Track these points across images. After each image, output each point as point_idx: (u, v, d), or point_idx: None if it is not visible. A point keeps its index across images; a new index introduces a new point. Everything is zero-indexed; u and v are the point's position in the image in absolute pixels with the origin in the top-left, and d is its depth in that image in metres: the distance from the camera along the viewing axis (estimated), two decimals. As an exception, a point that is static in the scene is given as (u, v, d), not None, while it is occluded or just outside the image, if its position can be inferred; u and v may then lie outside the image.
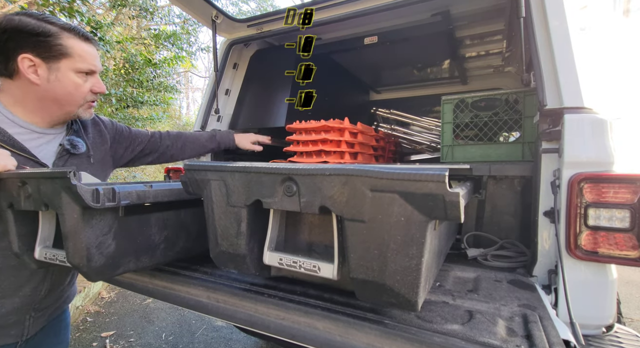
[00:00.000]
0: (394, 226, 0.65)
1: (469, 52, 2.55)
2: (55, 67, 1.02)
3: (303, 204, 0.75)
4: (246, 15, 10.96)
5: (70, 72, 1.05)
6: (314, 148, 1.79)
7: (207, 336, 2.82)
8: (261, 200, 0.81)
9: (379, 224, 0.67)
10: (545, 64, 1.14)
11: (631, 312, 3.28)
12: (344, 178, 0.69)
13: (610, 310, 0.99)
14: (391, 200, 0.65)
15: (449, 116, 1.67)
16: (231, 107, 2.25)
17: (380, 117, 3.35)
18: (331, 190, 0.71)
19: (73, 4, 3.29)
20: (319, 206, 0.73)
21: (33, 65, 0.99)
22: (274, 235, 0.87)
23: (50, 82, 1.02)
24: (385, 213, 0.66)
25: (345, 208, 0.70)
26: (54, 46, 1.01)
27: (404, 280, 0.66)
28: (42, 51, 0.99)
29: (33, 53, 0.98)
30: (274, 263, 0.84)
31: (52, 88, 1.03)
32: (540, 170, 1.12)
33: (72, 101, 1.08)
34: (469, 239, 1.40)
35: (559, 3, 1.16)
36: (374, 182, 0.66)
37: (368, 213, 0.68)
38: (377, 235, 0.68)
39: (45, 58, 1.00)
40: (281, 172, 0.77)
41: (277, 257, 0.83)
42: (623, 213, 0.94)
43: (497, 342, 0.71)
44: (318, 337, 0.83)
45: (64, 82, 1.04)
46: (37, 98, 1.03)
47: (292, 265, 0.81)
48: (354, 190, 0.68)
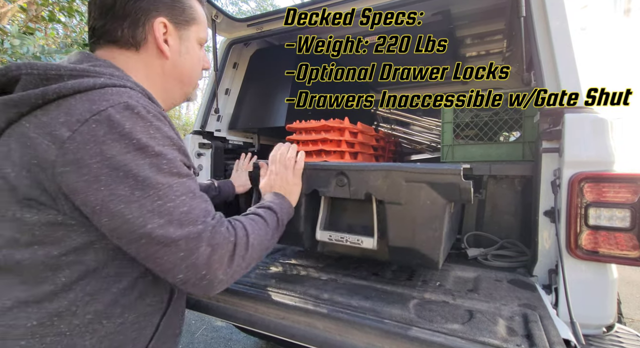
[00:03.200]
0: (423, 207, 0.91)
1: (470, 51, 2.55)
2: (185, 35, 0.81)
3: (352, 192, 0.99)
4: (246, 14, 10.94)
5: (195, 42, 0.84)
6: (314, 148, 1.79)
7: (207, 336, 2.81)
8: (317, 189, 1.05)
9: (411, 205, 0.92)
10: (545, 63, 1.13)
11: (632, 312, 3.28)
12: (385, 172, 0.95)
13: (611, 309, 0.99)
14: (420, 188, 0.91)
15: (449, 116, 1.67)
16: (231, 106, 2.24)
17: (381, 116, 3.35)
18: (375, 181, 0.96)
19: (72, 4, 3.29)
20: (364, 193, 0.98)
21: (165, 32, 0.77)
22: (323, 217, 1.10)
23: (181, 54, 0.81)
24: (416, 198, 0.92)
25: (386, 195, 0.95)
26: (187, 9, 0.80)
27: (429, 246, 0.92)
28: (176, 14, 0.78)
29: (167, 17, 0.76)
30: (325, 239, 1.06)
31: (182, 62, 0.82)
32: (541, 169, 1.11)
33: (193, 79, 0.87)
34: (469, 239, 1.40)
35: (559, 2, 1.15)
36: (408, 175, 0.92)
37: (404, 197, 0.93)
38: (410, 214, 0.93)
39: (177, 24, 0.79)
40: (335, 168, 1.02)
41: (327, 234, 1.07)
42: (623, 212, 0.94)
43: (498, 342, 0.71)
44: (318, 336, 0.83)
45: (192, 55, 0.84)
46: (163, 75, 0.81)
47: (340, 240, 1.03)
48: (392, 181, 0.94)
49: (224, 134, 2.18)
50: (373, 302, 0.90)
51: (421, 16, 1.81)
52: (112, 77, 0.66)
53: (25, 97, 0.59)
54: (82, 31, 3.96)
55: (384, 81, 3.00)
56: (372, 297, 0.93)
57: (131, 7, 0.72)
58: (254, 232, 0.74)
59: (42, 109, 0.60)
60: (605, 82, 1.37)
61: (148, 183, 0.59)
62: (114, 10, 0.72)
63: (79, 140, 0.56)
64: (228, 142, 2.19)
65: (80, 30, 4.12)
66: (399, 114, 3.02)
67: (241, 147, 2.28)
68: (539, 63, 1.14)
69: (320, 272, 1.15)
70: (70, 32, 4.14)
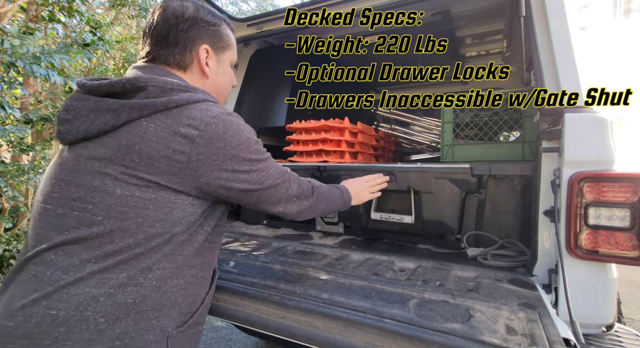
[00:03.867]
0: (446, 195, 1.39)
1: (470, 51, 2.55)
2: (222, 58, 0.97)
3: (398, 185, 1.45)
4: (246, 14, 10.96)
5: (228, 64, 1.00)
6: (314, 148, 1.79)
7: (207, 336, 2.81)
8: None
9: (439, 194, 1.40)
10: (545, 63, 1.13)
11: (632, 312, 3.28)
12: (421, 172, 1.42)
13: (611, 309, 0.99)
14: (444, 182, 1.38)
15: (449, 115, 1.67)
16: (231, 106, 2.24)
17: (381, 116, 3.35)
18: (414, 178, 1.43)
19: (72, 4, 3.28)
20: (407, 186, 1.45)
21: (207, 56, 0.93)
22: (375, 203, 1.59)
23: (219, 75, 0.98)
24: (442, 189, 1.39)
25: (421, 187, 1.44)
26: (224, 37, 0.96)
27: (450, 219, 1.42)
28: (216, 41, 0.94)
29: (209, 44, 0.93)
30: (377, 218, 1.56)
31: (219, 81, 0.98)
32: (541, 169, 1.11)
33: (226, 95, 1.06)
34: (469, 238, 1.40)
35: (559, 2, 1.15)
36: (436, 174, 1.40)
37: (433, 189, 1.41)
38: (438, 200, 1.42)
39: (216, 50, 0.95)
40: (386, 169, 1.46)
41: (379, 214, 1.56)
42: (623, 212, 0.94)
43: (498, 341, 0.71)
44: (318, 335, 0.83)
45: (226, 75, 1.01)
46: None
47: (388, 218, 1.53)
48: (426, 178, 1.41)
49: (224, 133, 2.18)
50: (373, 301, 0.90)
51: (421, 16, 1.81)
52: (204, 93, 0.86)
53: (152, 103, 0.76)
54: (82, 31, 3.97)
55: (384, 81, 3.00)
56: (372, 297, 0.93)
57: (181, 37, 0.88)
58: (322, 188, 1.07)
59: (162, 113, 0.77)
60: (605, 82, 1.37)
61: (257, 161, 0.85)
62: (167, 39, 0.88)
63: (206, 137, 0.76)
64: (228, 142, 2.18)
65: (80, 30, 4.12)
66: (399, 114, 3.02)
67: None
68: (539, 63, 1.14)
69: (320, 272, 1.15)
70: (70, 32, 4.14)
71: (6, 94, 2.88)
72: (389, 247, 1.50)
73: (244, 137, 0.82)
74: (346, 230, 1.69)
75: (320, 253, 1.38)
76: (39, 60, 2.24)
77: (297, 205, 0.96)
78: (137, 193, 0.73)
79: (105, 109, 0.76)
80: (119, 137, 0.75)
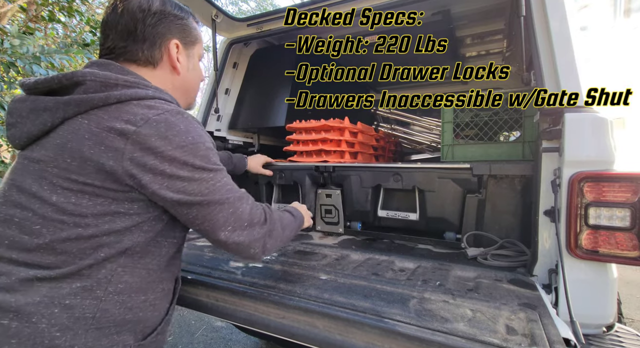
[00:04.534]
0: (449, 193, 1.44)
1: (470, 51, 2.54)
2: (191, 53, 0.93)
3: (404, 185, 1.51)
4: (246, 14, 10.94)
5: (197, 59, 0.96)
6: (314, 147, 1.79)
7: (207, 336, 2.81)
8: (380, 183, 1.57)
9: (442, 192, 1.45)
10: (545, 63, 1.13)
11: (632, 313, 3.28)
12: (426, 172, 1.46)
13: (611, 309, 0.98)
14: (447, 181, 1.43)
15: (449, 115, 1.67)
16: (231, 106, 2.24)
17: (381, 116, 3.35)
18: (419, 178, 1.47)
19: (72, 4, 3.29)
20: (412, 185, 1.50)
21: (177, 51, 0.88)
22: (382, 201, 1.63)
23: (189, 70, 0.93)
24: (444, 187, 1.44)
25: (426, 186, 1.47)
26: (192, 31, 0.92)
27: (452, 216, 1.46)
28: (185, 36, 0.89)
29: (179, 38, 0.88)
30: (383, 215, 1.60)
31: (189, 77, 0.94)
32: (541, 169, 1.11)
33: (196, 91, 1.01)
34: (469, 238, 1.40)
35: (559, 2, 1.15)
36: (439, 173, 1.44)
37: (437, 188, 1.45)
38: (441, 197, 1.46)
39: (186, 44, 0.90)
40: (392, 169, 1.53)
41: (385, 212, 1.61)
42: (623, 212, 0.94)
43: (498, 341, 0.70)
44: (318, 335, 0.83)
45: (197, 70, 0.96)
46: (173, 89, 0.91)
47: (394, 215, 1.58)
48: (430, 177, 1.45)
49: (224, 133, 2.18)
50: (373, 301, 0.90)
51: (421, 16, 1.81)
52: (157, 91, 0.80)
53: (89, 99, 0.70)
54: (82, 31, 3.97)
55: (384, 81, 2.99)
56: (372, 297, 0.93)
57: (150, 32, 0.82)
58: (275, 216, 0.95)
59: (101, 109, 0.70)
60: (605, 82, 1.37)
61: (202, 169, 0.75)
62: (135, 34, 0.81)
63: (144, 134, 0.68)
64: (228, 141, 2.18)
65: (80, 30, 4.12)
66: (399, 114, 3.02)
67: (241, 146, 2.28)
68: (539, 63, 1.14)
69: (320, 272, 1.15)
70: (70, 32, 4.14)
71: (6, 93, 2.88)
72: (389, 247, 1.50)
73: (190, 139, 0.73)
74: (346, 230, 1.69)
75: (320, 253, 1.38)
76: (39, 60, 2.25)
77: (248, 234, 0.81)
78: (72, 199, 0.68)
79: (42, 108, 0.71)
80: (54, 136, 0.71)
